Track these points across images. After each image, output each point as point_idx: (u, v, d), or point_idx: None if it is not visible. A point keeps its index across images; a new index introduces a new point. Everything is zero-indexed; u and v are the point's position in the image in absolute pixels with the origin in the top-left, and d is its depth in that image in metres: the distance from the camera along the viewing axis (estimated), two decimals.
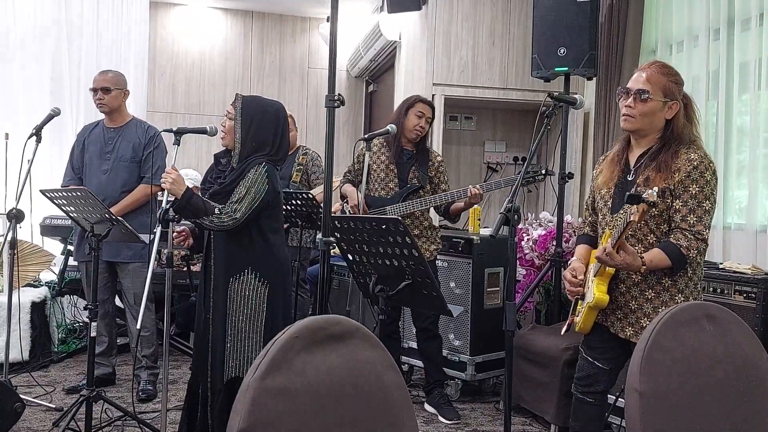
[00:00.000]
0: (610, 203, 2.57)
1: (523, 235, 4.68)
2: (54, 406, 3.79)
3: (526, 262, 4.66)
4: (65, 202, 3.27)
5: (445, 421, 3.84)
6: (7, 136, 5.44)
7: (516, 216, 2.36)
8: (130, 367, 4.21)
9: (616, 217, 2.52)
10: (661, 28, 4.56)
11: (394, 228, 2.39)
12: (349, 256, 2.64)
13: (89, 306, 3.22)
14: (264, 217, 2.90)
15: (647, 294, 2.49)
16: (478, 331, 4.20)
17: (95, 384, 3.26)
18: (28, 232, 5.17)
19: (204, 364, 2.95)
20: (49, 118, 3.79)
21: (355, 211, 3.84)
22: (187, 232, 3.07)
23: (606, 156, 2.73)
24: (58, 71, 6.54)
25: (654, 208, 2.32)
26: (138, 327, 2.94)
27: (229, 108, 2.98)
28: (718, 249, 3.91)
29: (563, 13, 4.35)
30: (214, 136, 3.20)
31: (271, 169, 2.88)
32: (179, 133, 3.02)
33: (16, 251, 3.73)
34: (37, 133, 3.68)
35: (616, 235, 2.34)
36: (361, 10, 6.85)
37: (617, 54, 4.76)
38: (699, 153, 2.44)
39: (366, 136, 3.78)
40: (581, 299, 2.62)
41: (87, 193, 3.13)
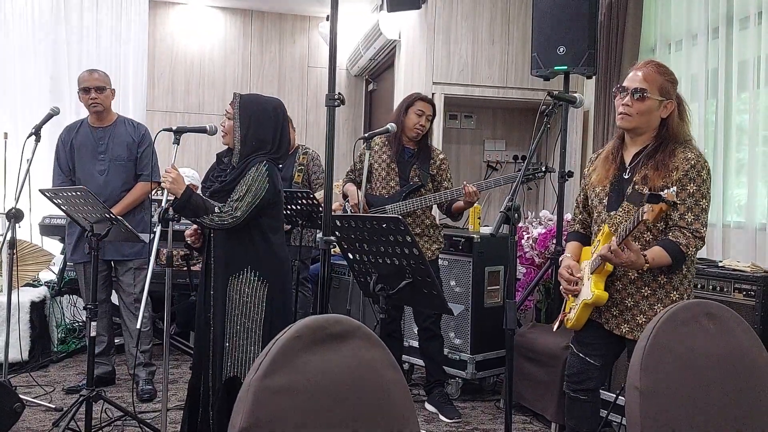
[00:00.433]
0: (606, 201, 2.58)
1: (524, 233, 4.68)
2: (54, 406, 3.79)
3: (526, 260, 4.66)
4: (65, 202, 3.27)
5: (446, 420, 3.84)
6: (6, 135, 5.44)
7: (516, 214, 2.36)
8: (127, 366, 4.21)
9: (614, 215, 2.53)
10: (660, 26, 4.56)
11: (395, 227, 2.39)
12: (350, 255, 2.63)
13: (89, 306, 3.22)
14: (264, 216, 2.90)
15: (644, 291, 2.51)
16: (478, 329, 4.20)
17: (95, 384, 3.26)
18: (28, 232, 5.17)
19: (204, 363, 2.95)
20: (49, 117, 3.79)
21: (355, 210, 3.84)
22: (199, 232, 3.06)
23: (598, 154, 2.73)
24: (57, 70, 6.54)
25: (672, 209, 2.33)
26: (138, 326, 2.94)
27: (228, 107, 2.97)
28: (718, 247, 3.91)
29: (563, 12, 4.35)
30: (214, 135, 3.20)
31: (272, 168, 2.88)
32: (179, 132, 3.02)
33: (15, 251, 3.73)
34: (36, 133, 3.68)
35: (623, 233, 2.34)
36: (360, 9, 6.85)
37: (617, 53, 4.76)
38: (695, 152, 2.47)
39: (366, 135, 3.78)
40: (575, 296, 2.63)
41: (87, 192, 3.13)
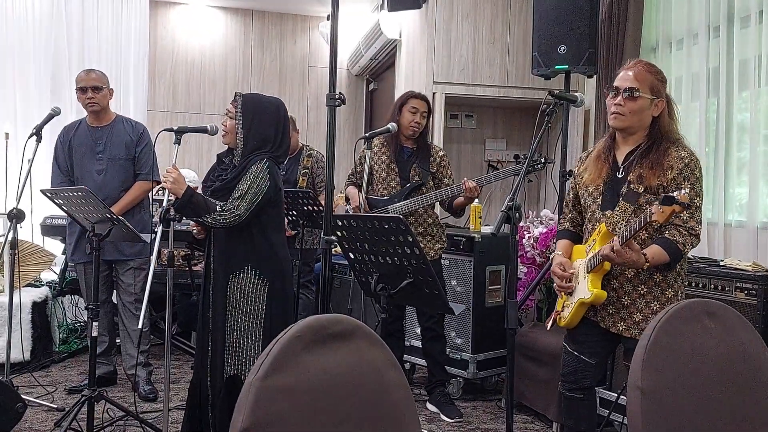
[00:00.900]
0: (600, 200, 2.58)
1: (525, 232, 4.66)
2: (56, 407, 3.79)
3: (527, 259, 4.65)
4: (66, 202, 3.28)
5: (448, 420, 3.84)
6: (7, 135, 5.45)
7: (517, 214, 2.37)
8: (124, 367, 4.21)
9: (611, 214, 2.54)
10: (661, 25, 4.56)
11: (396, 226, 2.39)
12: (351, 254, 2.64)
13: (90, 306, 3.22)
14: (265, 215, 2.91)
15: (640, 289, 2.53)
16: (479, 329, 4.20)
17: (97, 384, 3.26)
18: (29, 232, 5.17)
19: (205, 362, 2.96)
20: (50, 117, 3.79)
21: (357, 212, 3.83)
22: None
23: (588, 154, 2.74)
24: (57, 71, 6.54)
25: (686, 210, 2.30)
26: (140, 326, 2.94)
27: (229, 107, 2.98)
28: (719, 246, 3.90)
29: (563, 11, 4.35)
30: (215, 135, 3.19)
31: (273, 166, 2.88)
32: (180, 132, 3.02)
33: (16, 251, 3.73)
34: (37, 133, 3.68)
35: (626, 233, 2.35)
36: (361, 8, 6.85)
37: (617, 52, 4.75)
38: (687, 151, 2.50)
39: (367, 135, 3.78)
40: (569, 294, 2.64)
41: (88, 192, 3.13)
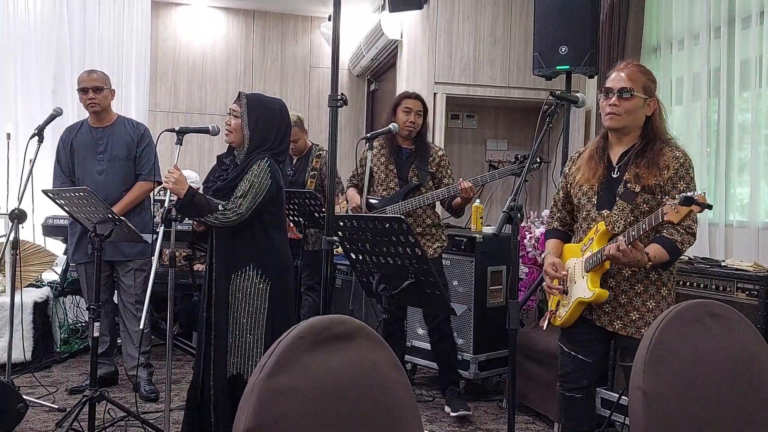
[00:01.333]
0: (595, 200, 2.59)
1: (526, 233, 4.66)
2: (57, 407, 3.79)
3: (528, 260, 4.65)
4: (68, 203, 3.28)
5: (453, 414, 3.82)
6: (8, 136, 5.45)
7: (518, 214, 2.37)
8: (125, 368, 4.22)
9: (609, 214, 2.55)
10: (662, 26, 4.55)
11: (397, 227, 2.39)
12: (352, 255, 2.64)
13: (91, 306, 3.22)
14: (267, 214, 2.91)
15: (637, 288, 2.55)
16: (481, 329, 4.20)
17: (98, 384, 3.26)
18: (30, 233, 5.17)
19: (207, 362, 2.96)
20: (52, 118, 3.79)
21: (356, 213, 3.83)
22: None
23: (580, 154, 2.75)
24: (59, 71, 6.54)
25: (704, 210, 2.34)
26: (141, 327, 2.95)
27: (233, 106, 2.98)
28: (720, 246, 3.90)
29: (564, 11, 4.35)
30: (217, 136, 3.20)
31: (274, 164, 2.90)
32: (182, 132, 3.02)
33: (18, 251, 3.73)
34: (39, 134, 3.68)
35: (633, 233, 2.36)
36: (362, 9, 6.85)
37: (618, 52, 4.75)
38: (681, 150, 2.53)
39: (368, 135, 3.78)
40: (564, 294, 2.65)
41: (89, 193, 3.13)
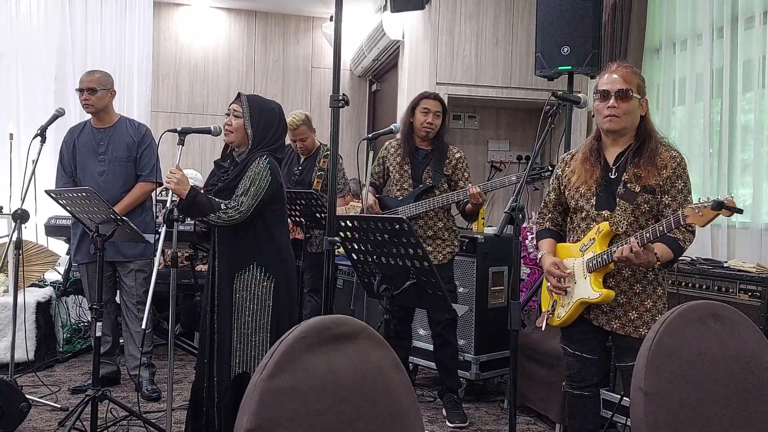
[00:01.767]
0: (594, 201, 2.60)
1: (528, 233, 4.67)
2: (59, 406, 3.80)
3: (530, 261, 4.66)
4: (70, 203, 3.28)
5: (449, 425, 3.81)
6: (11, 136, 5.45)
7: (520, 215, 2.37)
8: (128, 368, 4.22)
9: (612, 215, 2.55)
10: (664, 26, 4.55)
11: (399, 227, 2.39)
12: (354, 255, 2.64)
13: (94, 306, 3.23)
14: (269, 212, 2.93)
15: (635, 288, 2.58)
16: (482, 330, 4.19)
17: (100, 383, 3.27)
18: (33, 233, 5.18)
19: (209, 362, 2.96)
20: (54, 118, 3.80)
21: (369, 212, 3.78)
22: None
23: (572, 155, 2.75)
24: (62, 71, 6.55)
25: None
26: (143, 327, 2.95)
27: (233, 106, 2.99)
28: (723, 247, 3.90)
29: (567, 12, 4.35)
30: (218, 136, 3.20)
31: (273, 162, 2.92)
32: (183, 133, 3.03)
33: (21, 251, 3.74)
34: (41, 134, 3.69)
35: (647, 235, 2.37)
36: (364, 9, 6.85)
37: (621, 52, 4.75)
38: (675, 150, 2.57)
39: (370, 136, 3.78)
40: (564, 294, 2.65)
41: (92, 193, 3.14)
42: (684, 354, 1.58)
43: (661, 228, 2.35)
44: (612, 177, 2.58)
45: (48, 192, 3.37)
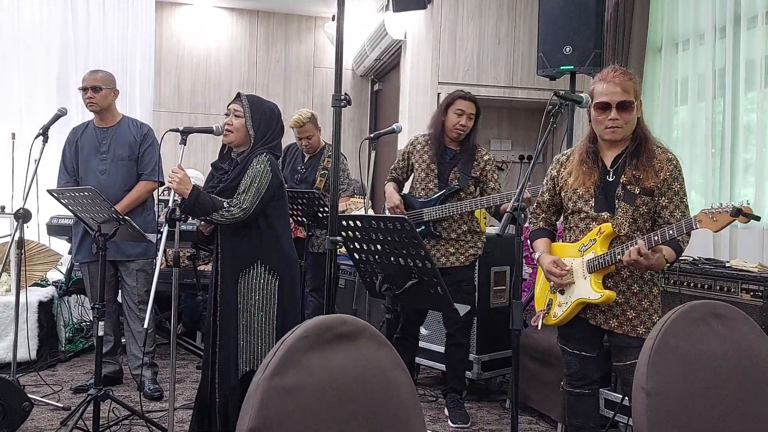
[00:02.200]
0: (592, 202, 2.61)
1: (528, 233, 4.67)
2: (62, 405, 3.80)
3: (532, 260, 4.64)
4: (72, 202, 3.29)
5: (451, 425, 3.81)
6: (13, 136, 5.46)
7: (522, 215, 2.37)
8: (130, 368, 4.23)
9: (614, 217, 2.56)
10: (667, 26, 4.55)
11: (401, 227, 2.39)
12: (356, 255, 2.64)
13: (96, 305, 3.23)
14: (271, 209, 2.93)
15: (633, 288, 2.60)
16: (484, 329, 4.19)
17: (102, 383, 3.27)
18: (35, 232, 5.19)
19: (213, 367, 2.96)
20: (56, 117, 3.80)
21: (393, 212, 3.75)
22: None
23: (567, 156, 2.75)
24: (64, 71, 6.57)
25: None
26: (145, 326, 2.95)
27: (234, 106, 2.99)
28: (725, 247, 3.90)
29: (569, 12, 4.35)
30: (221, 136, 3.20)
31: (273, 160, 2.93)
32: (185, 132, 3.03)
33: (23, 251, 3.74)
34: (43, 133, 3.69)
35: (657, 238, 2.38)
36: (366, 9, 6.85)
37: (623, 52, 4.75)
38: (671, 152, 2.59)
39: (372, 136, 3.78)
40: (561, 293, 2.67)
41: (94, 192, 3.14)
42: (686, 353, 1.58)
43: (671, 232, 2.35)
44: (610, 180, 2.59)
45: (50, 191, 3.37)
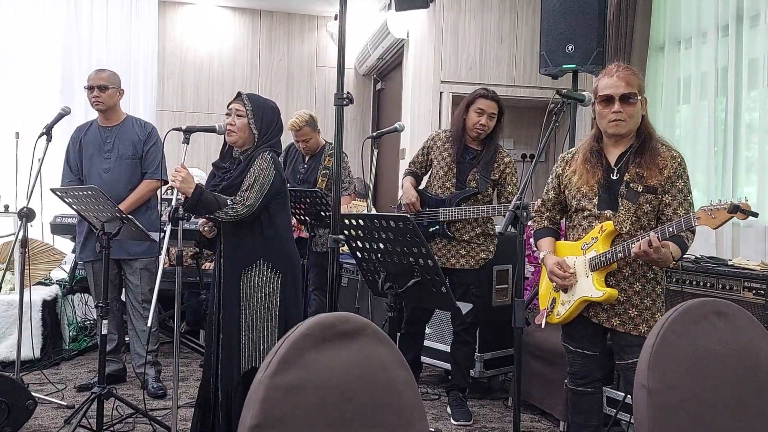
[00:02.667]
0: (596, 200, 2.61)
1: (532, 232, 4.67)
2: (65, 404, 3.82)
3: (534, 259, 4.66)
4: (75, 201, 3.30)
5: (453, 422, 3.82)
6: (17, 135, 5.48)
7: (524, 213, 2.37)
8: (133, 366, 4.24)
9: (616, 215, 2.56)
10: (669, 24, 4.55)
11: (404, 225, 2.39)
12: (358, 253, 2.64)
13: (100, 304, 3.24)
14: (273, 206, 2.94)
15: (635, 286, 2.60)
16: (486, 328, 4.20)
17: (106, 381, 3.28)
18: (39, 231, 5.20)
19: (217, 360, 2.97)
20: (60, 117, 3.81)
21: (410, 209, 3.74)
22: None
23: (572, 155, 2.75)
24: (68, 70, 6.58)
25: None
26: (149, 325, 2.96)
27: (236, 106, 2.99)
28: (727, 246, 3.90)
29: (571, 10, 4.34)
30: (223, 135, 3.21)
31: (275, 157, 2.95)
32: (188, 131, 3.03)
33: (27, 250, 3.76)
34: (47, 132, 3.70)
35: (657, 236, 2.37)
36: (368, 8, 6.85)
37: (625, 51, 4.74)
38: (675, 150, 2.58)
39: (374, 135, 3.78)
40: (564, 292, 2.67)
41: (97, 191, 3.15)
42: (687, 351, 1.58)
43: (671, 229, 2.35)
44: (614, 178, 2.59)
45: (54, 190, 3.39)
